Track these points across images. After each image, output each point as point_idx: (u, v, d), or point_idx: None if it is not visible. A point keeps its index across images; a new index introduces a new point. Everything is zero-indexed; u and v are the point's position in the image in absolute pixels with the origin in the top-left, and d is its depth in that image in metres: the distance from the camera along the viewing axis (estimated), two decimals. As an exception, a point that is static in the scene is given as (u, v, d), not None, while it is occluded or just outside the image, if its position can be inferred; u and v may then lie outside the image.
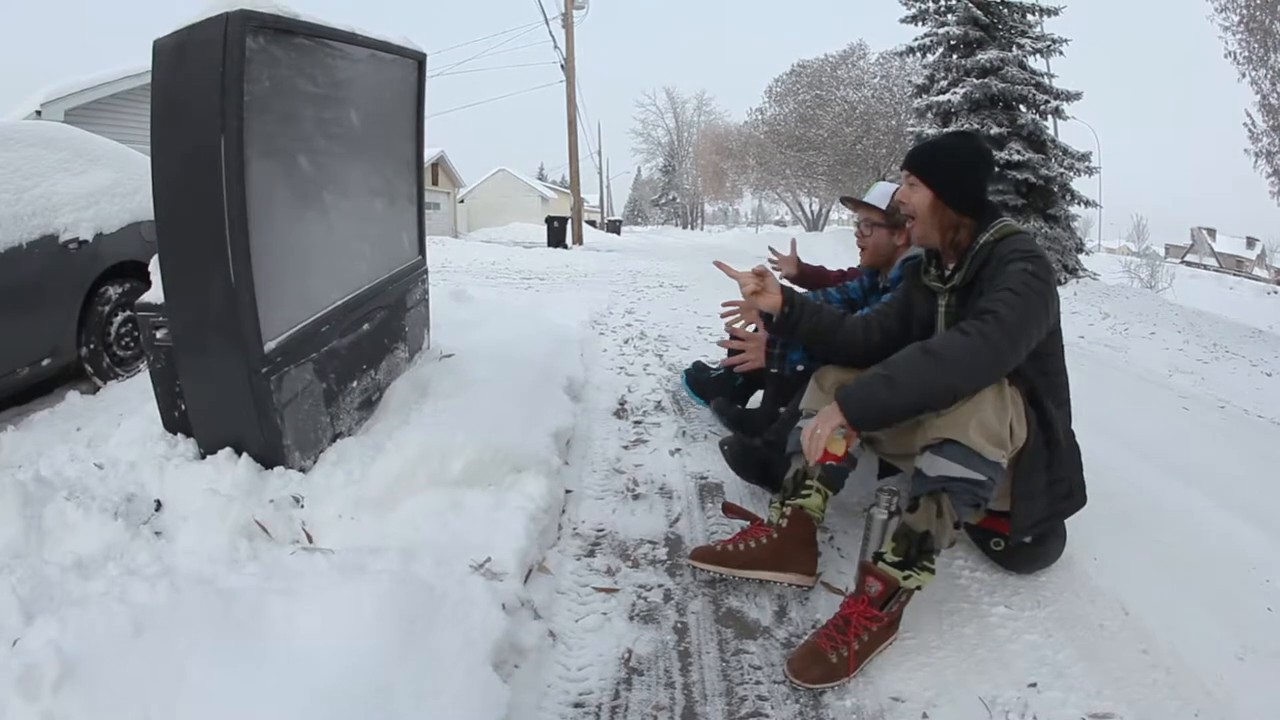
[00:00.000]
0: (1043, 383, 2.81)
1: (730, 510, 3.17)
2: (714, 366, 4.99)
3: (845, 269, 4.83)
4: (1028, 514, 2.79)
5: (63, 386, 5.10)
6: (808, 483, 2.99)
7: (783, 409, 3.91)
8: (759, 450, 3.73)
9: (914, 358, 2.55)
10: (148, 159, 3.03)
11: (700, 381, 5.00)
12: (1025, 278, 2.59)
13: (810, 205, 46.41)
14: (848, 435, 2.58)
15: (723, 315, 4.03)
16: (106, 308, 5.22)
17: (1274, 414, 6.22)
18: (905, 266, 3.29)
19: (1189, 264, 49.42)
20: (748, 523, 3.10)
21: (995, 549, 3.06)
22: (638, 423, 4.88)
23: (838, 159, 36.13)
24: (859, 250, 4.01)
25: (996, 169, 16.78)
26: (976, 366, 2.50)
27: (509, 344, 5.25)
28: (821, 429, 2.54)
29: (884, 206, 3.83)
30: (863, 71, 36.69)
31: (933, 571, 2.58)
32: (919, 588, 2.57)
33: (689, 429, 4.74)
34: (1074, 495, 2.89)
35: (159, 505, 3.07)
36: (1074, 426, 2.91)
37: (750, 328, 4.03)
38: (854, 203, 4.00)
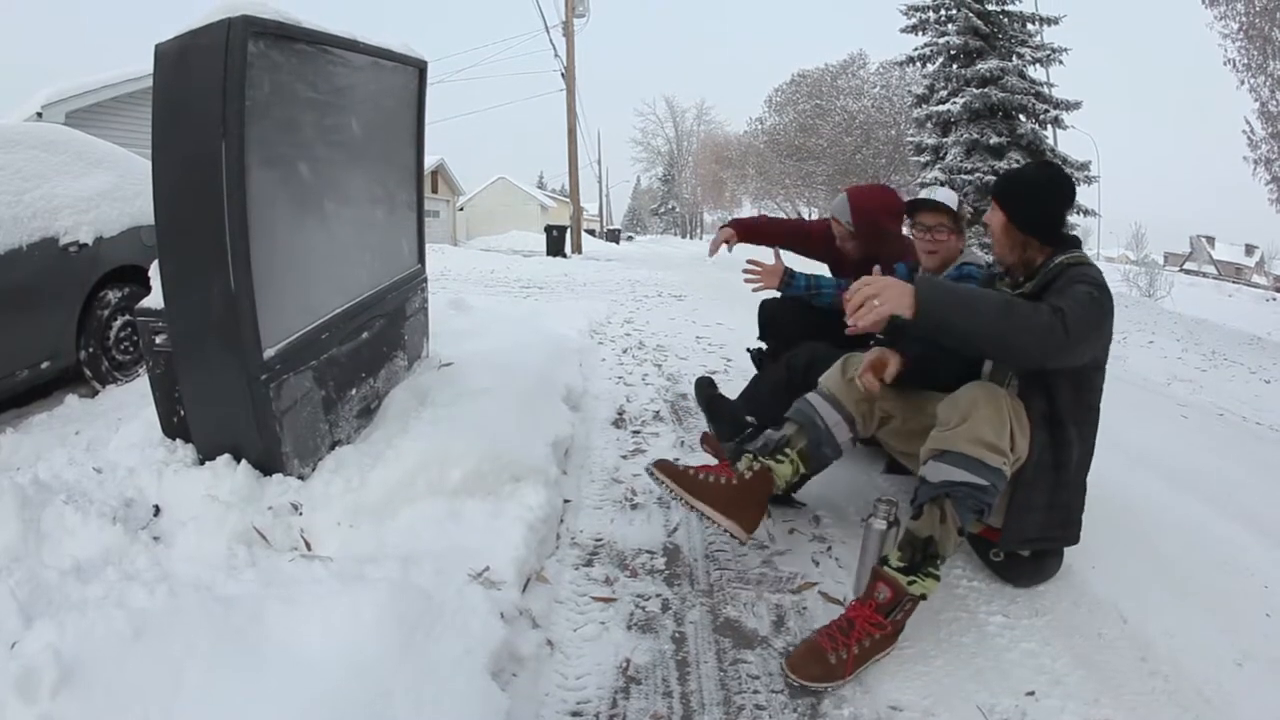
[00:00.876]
0: (1074, 412, 2.85)
1: (707, 442, 3.38)
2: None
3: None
4: (1020, 527, 2.83)
5: (61, 390, 5.10)
6: (786, 450, 3.14)
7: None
8: (721, 396, 4.16)
9: (994, 296, 2.64)
10: (149, 163, 3.03)
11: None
12: (1089, 299, 2.65)
13: (809, 215, 46.41)
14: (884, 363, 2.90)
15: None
16: (106, 312, 5.23)
17: (1272, 420, 6.22)
18: (983, 273, 3.43)
19: (1188, 272, 49.55)
20: (716, 461, 3.17)
21: (994, 559, 3.07)
22: (636, 432, 4.88)
23: (837, 169, 36.20)
24: (927, 255, 3.78)
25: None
26: (1033, 337, 2.52)
27: (508, 353, 5.24)
28: (883, 305, 2.48)
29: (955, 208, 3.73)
30: (863, 81, 36.80)
31: (938, 579, 2.60)
32: (924, 596, 2.59)
33: (687, 439, 4.74)
34: (1069, 526, 2.94)
35: (158, 510, 3.07)
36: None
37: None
38: (930, 205, 3.74)
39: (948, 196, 3.71)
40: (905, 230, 4.16)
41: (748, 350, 5.02)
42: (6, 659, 1.96)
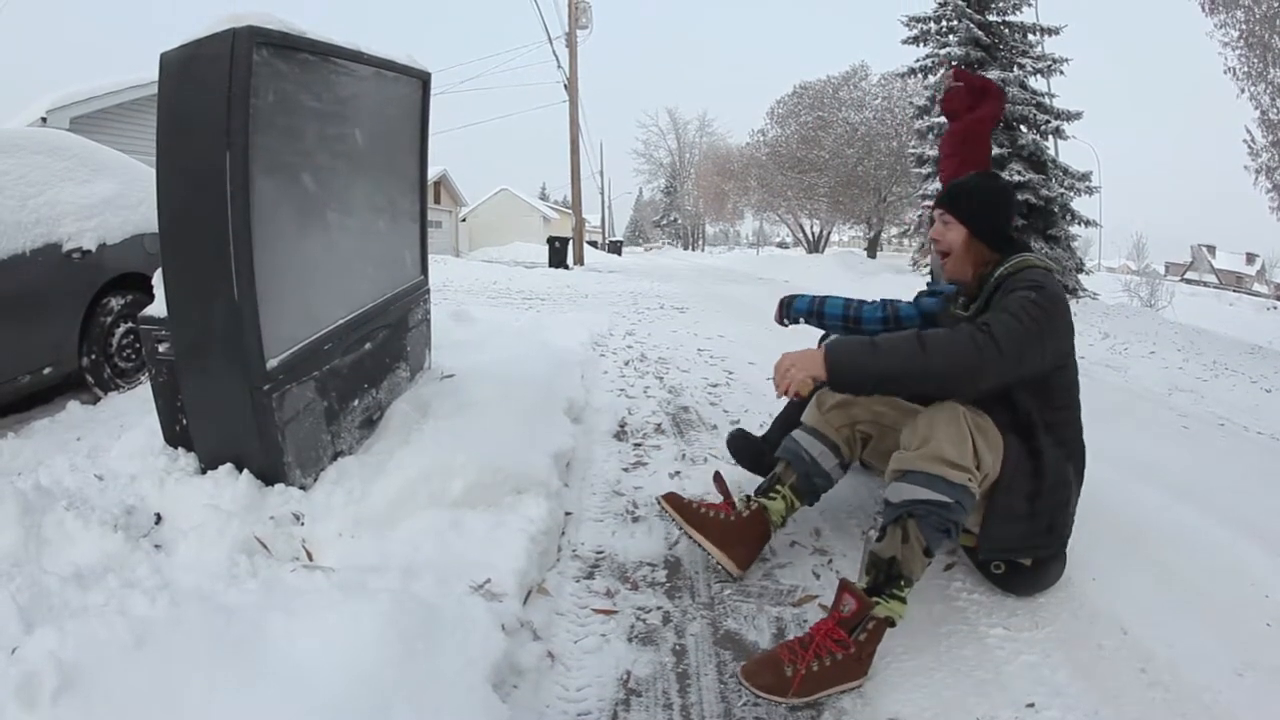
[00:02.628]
0: (1043, 415, 2.86)
1: (718, 482, 3.40)
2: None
3: None
4: (1000, 535, 2.85)
5: (63, 396, 5.10)
6: (778, 487, 3.23)
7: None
8: (756, 441, 4.08)
9: (904, 337, 2.66)
10: (153, 170, 3.04)
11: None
12: (1024, 303, 2.68)
13: (811, 227, 46.42)
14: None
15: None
16: (108, 319, 5.23)
17: (1273, 429, 6.20)
18: (943, 296, 3.46)
19: (1189, 281, 49.51)
20: (722, 499, 3.26)
21: (996, 572, 3.07)
22: (638, 445, 4.87)
23: (839, 181, 36.17)
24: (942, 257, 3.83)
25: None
26: (955, 362, 2.58)
27: (510, 365, 5.25)
28: (798, 372, 2.67)
29: None
30: (864, 93, 36.76)
31: (904, 601, 2.57)
32: (891, 622, 2.56)
33: (689, 452, 4.74)
34: (1053, 533, 2.93)
35: (159, 519, 3.08)
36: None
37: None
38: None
39: None
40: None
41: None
42: (7, 665, 1.95)
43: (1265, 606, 3.02)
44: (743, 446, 4.10)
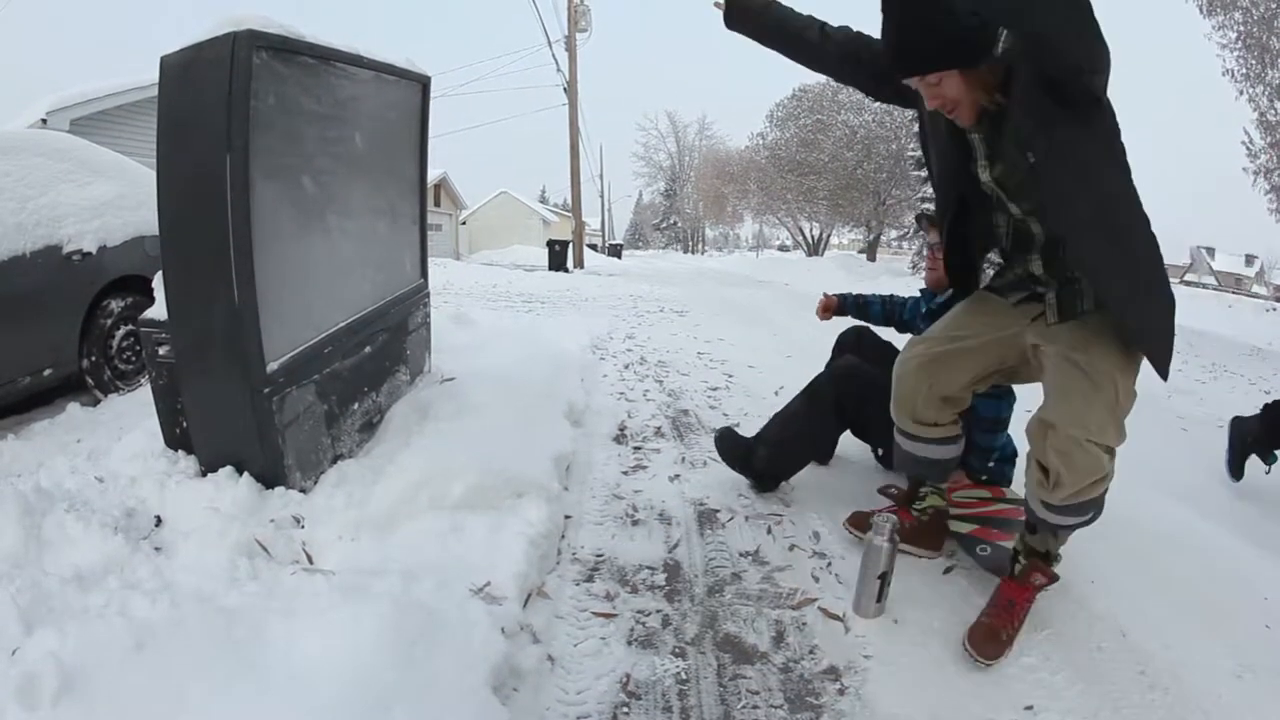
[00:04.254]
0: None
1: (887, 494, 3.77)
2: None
3: None
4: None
5: (63, 397, 5.09)
6: (924, 489, 3.51)
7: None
8: (744, 441, 4.09)
9: None
10: (153, 173, 3.05)
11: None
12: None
13: (811, 230, 46.33)
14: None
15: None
16: (109, 321, 5.23)
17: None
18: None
19: (1188, 283, 49.42)
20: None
21: (981, 554, 3.18)
22: (637, 448, 4.88)
23: (838, 184, 36.09)
24: (926, 272, 4.00)
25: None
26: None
27: (510, 368, 5.26)
28: None
29: None
30: (863, 98, 36.73)
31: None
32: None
33: (688, 455, 4.74)
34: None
35: (159, 521, 3.08)
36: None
37: None
38: (931, 221, 3.68)
39: None
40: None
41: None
42: (7, 665, 1.96)
43: (1264, 608, 3.04)
44: (730, 447, 4.10)
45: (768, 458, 3.99)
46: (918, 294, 4.24)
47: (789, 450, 4.01)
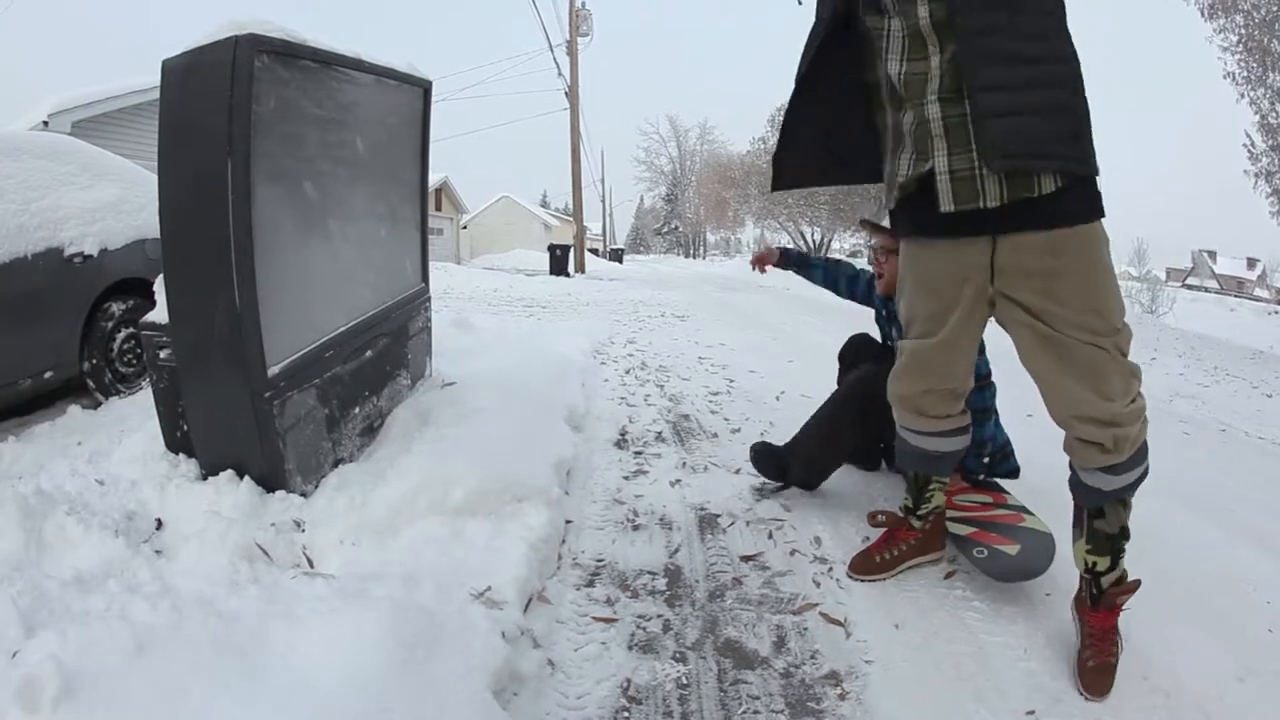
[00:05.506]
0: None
1: (876, 522, 3.43)
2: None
3: None
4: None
5: (64, 400, 5.11)
6: (931, 487, 3.25)
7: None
8: (780, 452, 4.03)
9: None
10: (154, 176, 3.05)
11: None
12: None
13: (812, 235, 46.35)
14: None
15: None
16: (110, 323, 5.24)
17: (1274, 435, 6.22)
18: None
19: (1190, 287, 49.54)
20: (892, 526, 3.35)
21: (979, 556, 3.12)
22: (638, 453, 4.88)
23: (839, 189, 36.13)
24: (876, 277, 3.95)
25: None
26: None
27: (510, 373, 5.26)
28: None
29: None
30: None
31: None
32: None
33: (689, 460, 4.74)
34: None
35: (160, 524, 3.08)
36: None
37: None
38: (872, 226, 3.96)
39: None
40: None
41: None
42: (8, 668, 1.96)
43: (1266, 612, 3.03)
44: (767, 460, 4.05)
45: (803, 472, 4.00)
46: (869, 269, 4.22)
47: (821, 463, 3.99)
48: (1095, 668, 2.53)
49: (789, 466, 3.99)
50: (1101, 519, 2.63)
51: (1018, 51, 2.33)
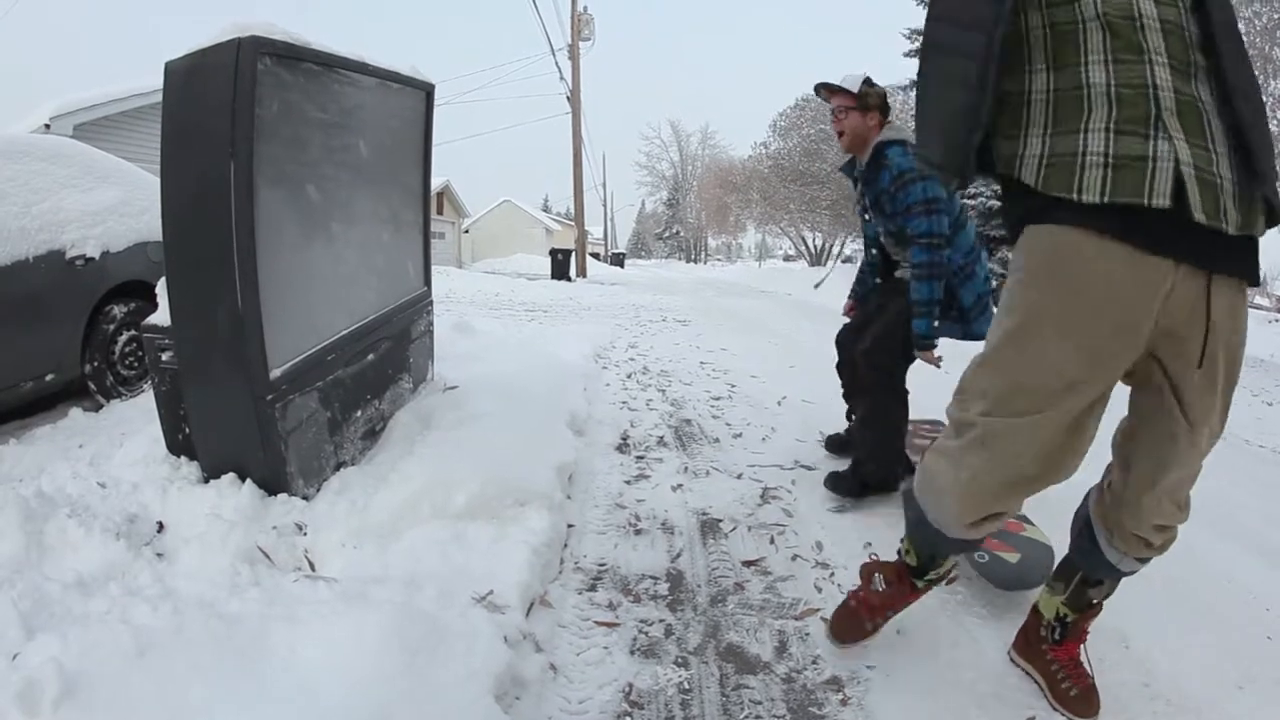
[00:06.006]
0: None
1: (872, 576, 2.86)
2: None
3: None
4: None
5: (65, 403, 5.10)
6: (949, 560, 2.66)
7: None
8: (853, 476, 4.11)
9: None
10: (156, 179, 3.05)
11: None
12: None
13: (813, 240, 46.32)
14: None
15: None
16: (111, 326, 5.23)
17: (1275, 443, 6.21)
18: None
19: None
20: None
21: (980, 562, 3.13)
22: (640, 458, 4.88)
23: (841, 193, 36.05)
24: (838, 135, 4.09)
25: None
26: None
27: (512, 377, 5.26)
28: None
29: (855, 90, 3.95)
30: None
31: None
32: None
33: (691, 465, 4.74)
34: None
35: (161, 527, 3.08)
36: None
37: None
38: (828, 89, 4.03)
39: (847, 79, 3.98)
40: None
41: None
42: (9, 670, 1.96)
43: (1266, 620, 3.03)
44: (847, 487, 4.11)
45: (878, 470, 4.03)
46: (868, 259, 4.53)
47: (889, 450, 4.05)
48: (1079, 695, 2.45)
49: (868, 483, 4.05)
50: (1098, 587, 2.48)
51: (1251, 72, 1.96)
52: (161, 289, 3.30)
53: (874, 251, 4.39)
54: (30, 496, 2.96)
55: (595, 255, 45.30)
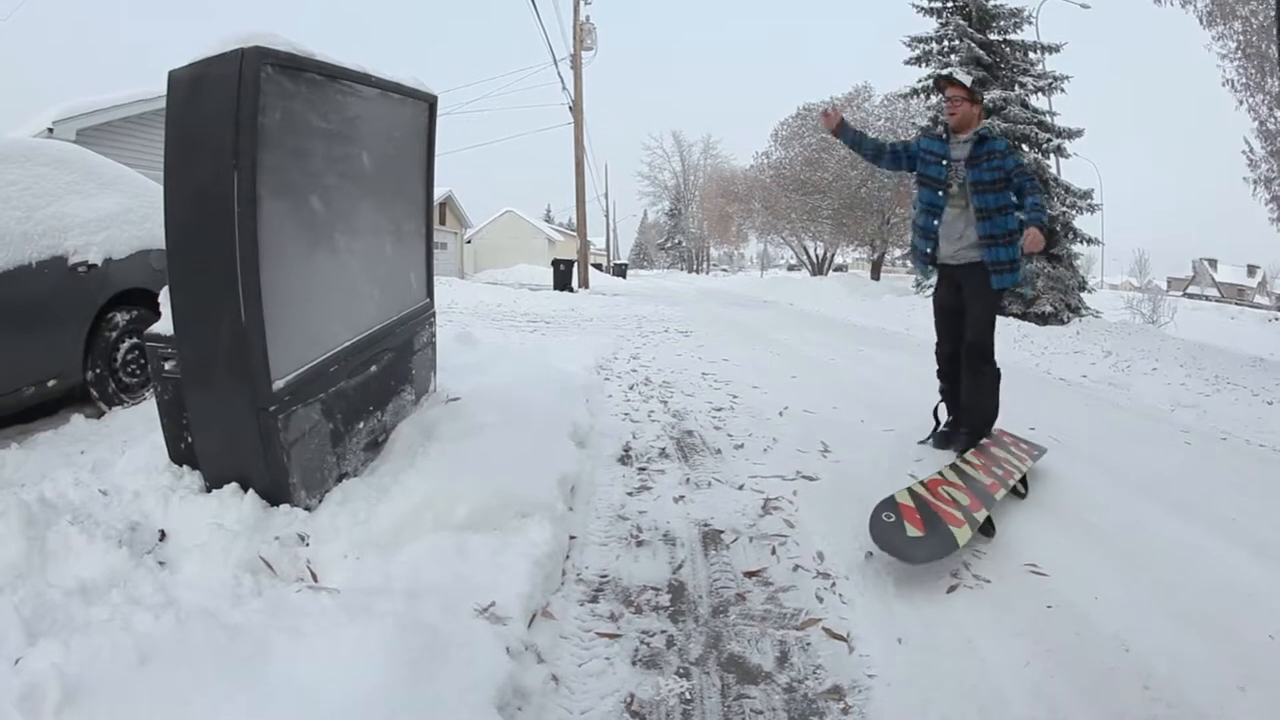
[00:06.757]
0: None
1: None
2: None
3: None
4: None
5: (67, 409, 5.10)
6: None
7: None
8: (953, 430, 5.33)
9: None
10: (159, 186, 3.05)
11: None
12: None
13: (815, 249, 46.37)
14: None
15: None
16: (114, 333, 5.24)
17: (1275, 442, 6.22)
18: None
19: (1191, 296, 49.61)
20: None
21: (886, 520, 3.45)
22: (642, 469, 4.88)
23: (842, 203, 36.14)
24: (949, 116, 5.16)
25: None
26: None
27: (514, 388, 5.26)
28: None
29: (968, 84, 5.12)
30: (868, 114, 36.59)
31: None
32: None
33: (693, 476, 4.74)
34: None
35: (163, 536, 3.07)
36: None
37: None
38: (949, 80, 5.15)
39: (964, 75, 5.14)
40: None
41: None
42: (10, 675, 1.96)
43: (1267, 620, 3.03)
44: (944, 440, 5.33)
45: (987, 426, 5.07)
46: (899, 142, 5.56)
47: (995, 408, 5.10)
48: None
49: (979, 433, 4.99)
50: None
51: None
52: (164, 298, 3.30)
53: (935, 222, 5.16)
54: (32, 502, 2.96)
55: (598, 266, 45.30)
